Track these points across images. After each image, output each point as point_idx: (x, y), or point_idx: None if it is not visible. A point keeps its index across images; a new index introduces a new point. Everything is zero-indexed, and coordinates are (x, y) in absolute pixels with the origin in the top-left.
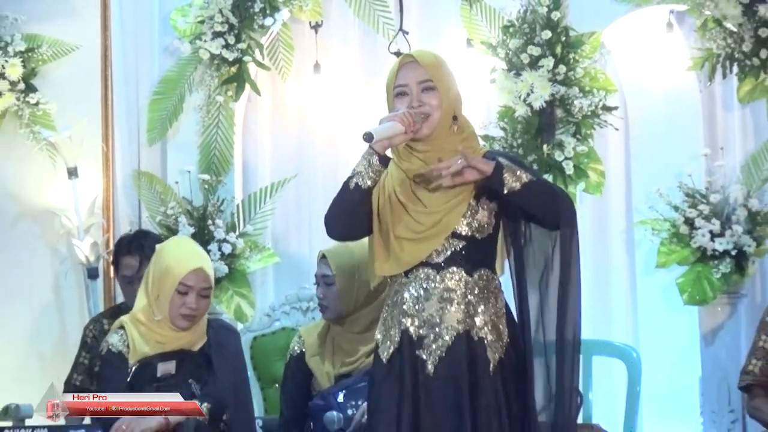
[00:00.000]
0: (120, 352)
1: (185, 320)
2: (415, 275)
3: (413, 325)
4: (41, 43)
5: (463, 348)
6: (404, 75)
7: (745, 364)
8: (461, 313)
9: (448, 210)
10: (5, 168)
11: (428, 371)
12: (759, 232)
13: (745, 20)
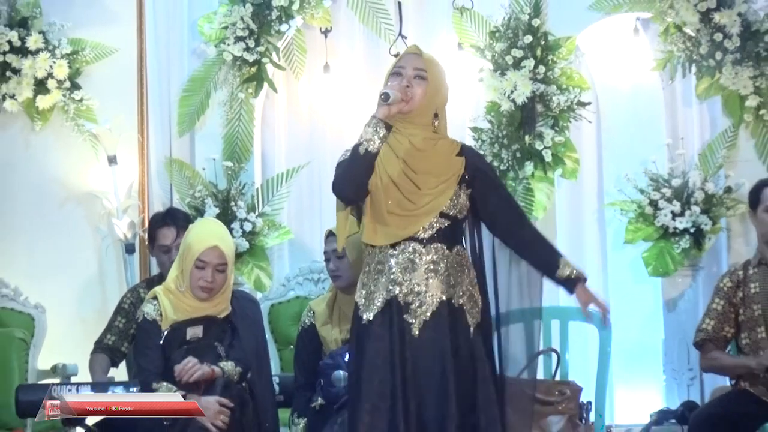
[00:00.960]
0: (154, 320)
1: (203, 292)
2: (403, 248)
3: (401, 292)
4: (85, 46)
5: (444, 313)
6: (405, 60)
7: (700, 323)
8: (444, 283)
9: (439, 193)
10: (53, 156)
11: (414, 333)
12: (714, 213)
13: (702, 26)
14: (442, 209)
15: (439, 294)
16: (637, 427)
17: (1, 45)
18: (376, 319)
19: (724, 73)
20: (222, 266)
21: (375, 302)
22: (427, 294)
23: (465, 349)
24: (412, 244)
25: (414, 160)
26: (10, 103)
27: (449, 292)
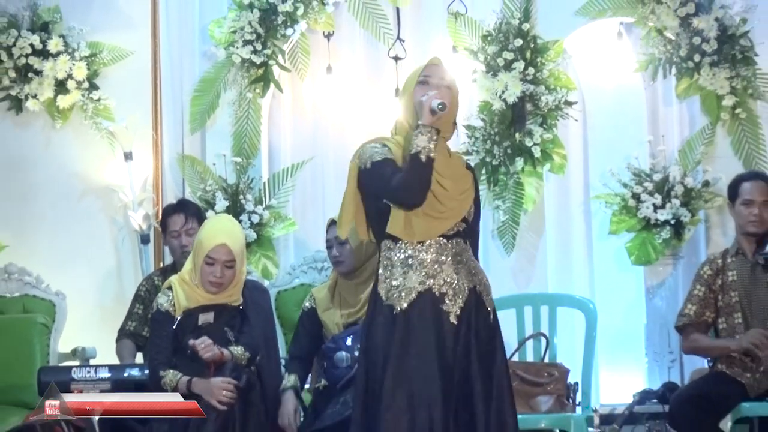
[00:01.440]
0: (167, 311)
1: (212, 286)
2: (430, 243)
3: (436, 284)
4: (102, 49)
5: (473, 301)
6: (431, 70)
7: (682, 308)
8: (469, 273)
9: (464, 198)
10: (73, 152)
11: (452, 321)
12: (693, 205)
13: (681, 30)
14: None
15: (467, 283)
16: (621, 406)
17: (23, 48)
18: (412, 310)
19: (702, 75)
20: (230, 262)
21: (408, 294)
22: (458, 284)
23: (485, 332)
24: (438, 240)
25: (443, 167)
26: (32, 102)
27: (473, 281)
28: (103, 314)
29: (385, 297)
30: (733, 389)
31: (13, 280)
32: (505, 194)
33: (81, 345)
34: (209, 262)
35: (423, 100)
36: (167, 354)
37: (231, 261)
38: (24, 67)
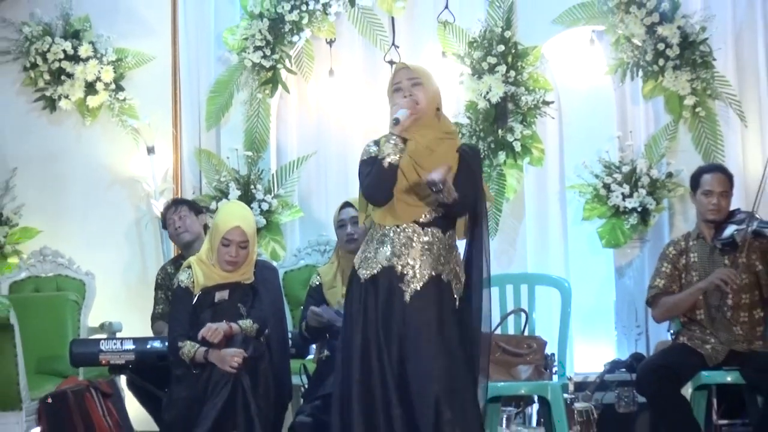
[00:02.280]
0: (186, 287)
1: (228, 265)
2: (404, 228)
3: (399, 264)
4: (127, 54)
5: (432, 287)
6: (399, 76)
7: (651, 282)
8: (435, 261)
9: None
10: (101, 147)
11: (405, 299)
12: (658, 195)
13: (647, 37)
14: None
15: (429, 270)
16: (593, 375)
17: (57, 53)
18: (373, 281)
19: (666, 77)
20: (244, 243)
21: (372, 266)
22: (420, 268)
23: (448, 316)
24: (412, 226)
25: (421, 158)
26: (64, 102)
27: (438, 269)
28: (128, 292)
29: (357, 266)
30: (693, 359)
31: (47, 262)
32: (489, 184)
33: (108, 320)
34: (225, 243)
35: (393, 109)
36: (186, 326)
37: (245, 242)
38: (57, 70)
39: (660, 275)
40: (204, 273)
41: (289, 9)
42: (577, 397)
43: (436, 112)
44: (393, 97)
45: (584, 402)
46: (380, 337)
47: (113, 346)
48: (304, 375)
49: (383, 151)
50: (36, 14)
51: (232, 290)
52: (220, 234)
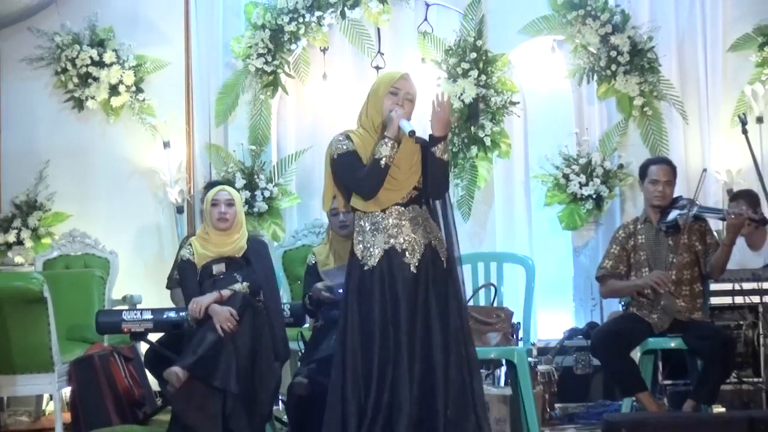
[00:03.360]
0: (188, 259)
1: (221, 222)
2: (390, 211)
3: (398, 242)
4: (146, 60)
5: (429, 254)
6: (402, 83)
7: (601, 263)
8: (425, 231)
9: (412, 173)
10: (123, 142)
11: (412, 270)
12: (610, 183)
13: (601, 46)
14: (415, 184)
15: (423, 239)
16: (554, 341)
17: (84, 60)
18: (379, 265)
19: (618, 80)
20: (230, 201)
21: (374, 253)
22: (416, 241)
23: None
24: (396, 207)
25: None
26: (91, 102)
27: (428, 237)
28: (146, 269)
29: (360, 257)
30: (641, 327)
31: (76, 242)
32: (463, 174)
33: (129, 293)
34: (214, 204)
35: (393, 115)
36: (195, 291)
37: (230, 200)
38: (85, 74)
39: (609, 256)
40: (202, 245)
41: (287, 21)
42: (540, 361)
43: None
44: (387, 98)
45: (546, 365)
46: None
47: (134, 316)
48: (301, 341)
49: (380, 153)
50: (66, 26)
51: (228, 264)
52: (209, 201)
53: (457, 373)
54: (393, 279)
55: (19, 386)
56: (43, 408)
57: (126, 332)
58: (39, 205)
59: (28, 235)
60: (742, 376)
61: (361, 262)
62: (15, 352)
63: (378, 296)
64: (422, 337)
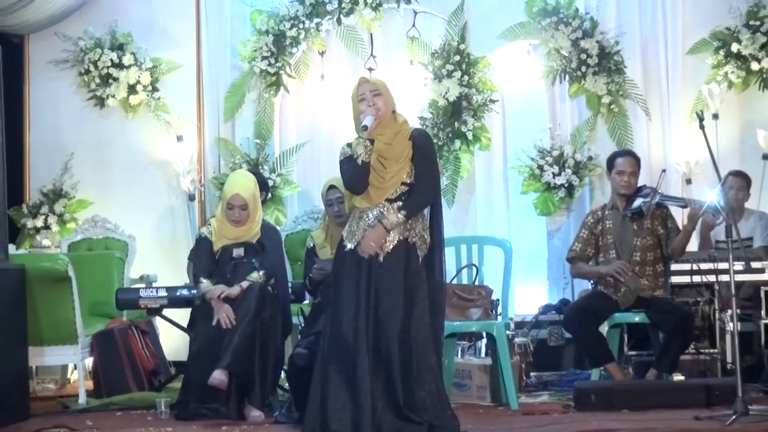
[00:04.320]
0: (206, 237)
1: (233, 224)
2: (377, 204)
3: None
4: (161, 62)
5: (402, 249)
6: (362, 88)
7: (571, 246)
8: (402, 228)
9: (399, 170)
10: (141, 136)
11: (380, 261)
12: (581, 174)
13: (572, 50)
14: (403, 180)
15: (398, 235)
16: (529, 316)
17: (105, 62)
18: (355, 249)
19: (587, 81)
20: (244, 206)
21: (355, 237)
22: (390, 235)
23: (414, 271)
24: (383, 203)
25: (383, 152)
26: (111, 100)
27: (405, 234)
28: (162, 251)
29: (344, 238)
30: (608, 303)
31: (98, 227)
32: (448, 166)
33: (146, 272)
34: (229, 207)
35: (360, 117)
36: (206, 267)
37: (244, 204)
38: (106, 75)
39: (578, 240)
40: (219, 227)
41: (289, 27)
42: (516, 333)
43: (392, 114)
44: (358, 105)
45: (522, 337)
46: (361, 290)
47: (150, 294)
48: (301, 316)
49: (357, 152)
50: (89, 31)
51: (247, 248)
52: (225, 200)
53: (409, 351)
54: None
55: (46, 357)
56: (68, 376)
57: (143, 308)
58: (64, 194)
59: (54, 220)
60: (699, 348)
61: (344, 242)
62: (43, 325)
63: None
64: (378, 321)
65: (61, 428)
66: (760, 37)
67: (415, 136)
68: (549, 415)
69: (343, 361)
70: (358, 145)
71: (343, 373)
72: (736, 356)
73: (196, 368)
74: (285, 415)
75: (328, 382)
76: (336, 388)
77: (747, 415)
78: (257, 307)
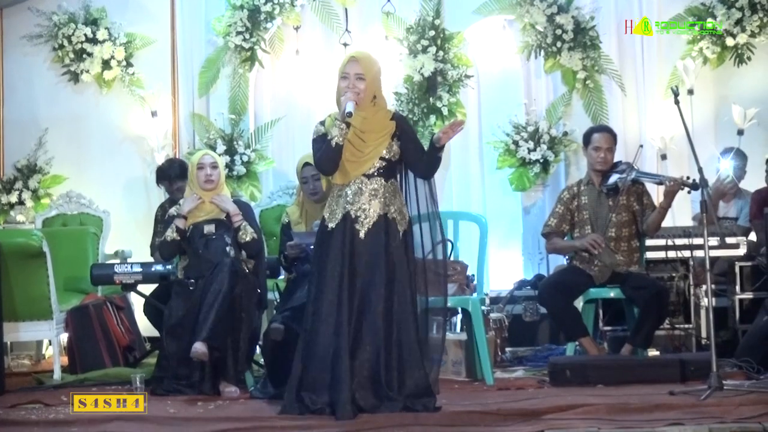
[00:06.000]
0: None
1: (207, 184)
2: (355, 180)
3: (353, 209)
4: (135, 37)
5: (382, 224)
6: (349, 67)
7: (546, 221)
8: (381, 203)
9: (378, 145)
10: (115, 111)
11: (360, 236)
12: (556, 149)
13: (548, 25)
14: (381, 155)
15: (378, 211)
16: (505, 291)
17: (79, 37)
18: (337, 228)
19: (563, 56)
20: (214, 163)
21: (336, 216)
22: (370, 210)
23: (395, 246)
24: (361, 178)
25: (364, 125)
26: (85, 76)
27: (385, 209)
28: (136, 226)
29: (326, 218)
30: (583, 279)
31: (72, 202)
32: (423, 141)
33: (121, 248)
34: (200, 167)
35: (342, 99)
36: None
37: (214, 163)
38: (80, 50)
39: (554, 215)
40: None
41: (263, 2)
42: (492, 309)
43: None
44: (339, 83)
45: (498, 313)
46: (344, 267)
47: (125, 269)
48: (276, 292)
49: (331, 134)
50: (63, 6)
51: (217, 225)
52: (194, 164)
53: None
54: (346, 241)
55: (21, 332)
56: (43, 352)
57: (118, 284)
58: (38, 169)
59: (28, 195)
60: (674, 323)
61: (326, 222)
62: (17, 301)
63: (333, 255)
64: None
65: (36, 404)
66: (735, 12)
67: (399, 116)
68: (524, 390)
69: (326, 339)
70: (332, 127)
71: (326, 351)
72: (710, 331)
73: (171, 344)
74: (260, 390)
75: (311, 360)
76: (318, 365)
77: (721, 390)
78: (231, 283)
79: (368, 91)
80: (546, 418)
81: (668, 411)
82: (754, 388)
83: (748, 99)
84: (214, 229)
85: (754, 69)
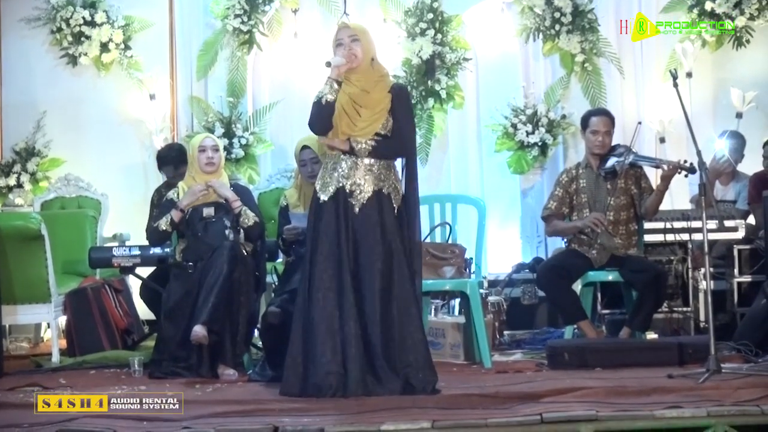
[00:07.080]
0: (172, 200)
1: (208, 166)
2: (349, 155)
3: (347, 183)
4: (134, 20)
5: (375, 199)
6: (341, 33)
7: (546, 203)
8: (377, 179)
9: (374, 120)
10: (114, 95)
11: (355, 211)
12: (554, 132)
13: (546, 7)
14: (376, 131)
15: (372, 186)
16: (503, 274)
17: (77, 20)
18: (330, 200)
19: (561, 39)
20: (215, 147)
21: (329, 189)
22: (365, 185)
23: (390, 222)
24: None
25: (358, 98)
26: (84, 58)
27: (379, 185)
28: (135, 209)
29: (318, 190)
30: (582, 262)
31: (71, 185)
32: (421, 124)
33: (119, 231)
34: (201, 150)
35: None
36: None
37: (215, 146)
38: (78, 33)
39: (553, 198)
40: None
41: None
42: (490, 292)
43: (371, 62)
44: (336, 51)
45: (496, 296)
46: (342, 240)
47: (123, 252)
48: (274, 275)
49: (322, 91)
50: None
51: (216, 207)
52: (195, 147)
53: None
54: (341, 214)
55: (19, 315)
56: (41, 335)
57: (116, 266)
58: (37, 152)
59: (27, 179)
60: (672, 306)
61: (318, 194)
62: (16, 284)
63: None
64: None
65: (34, 387)
66: None
67: (396, 90)
68: (522, 373)
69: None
70: (324, 86)
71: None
72: (709, 315)
73: (170, 327)
74: (258, 373)
75: (311, 337)
76: (321, 342)
77: (720, 373)
78: (230, 266)
79: (366, 53)
80: (544, 401)
81: (666, 394)
82: (752, 371)
83: (747, 82)
84: (213, 212)
85: (752, 52)
